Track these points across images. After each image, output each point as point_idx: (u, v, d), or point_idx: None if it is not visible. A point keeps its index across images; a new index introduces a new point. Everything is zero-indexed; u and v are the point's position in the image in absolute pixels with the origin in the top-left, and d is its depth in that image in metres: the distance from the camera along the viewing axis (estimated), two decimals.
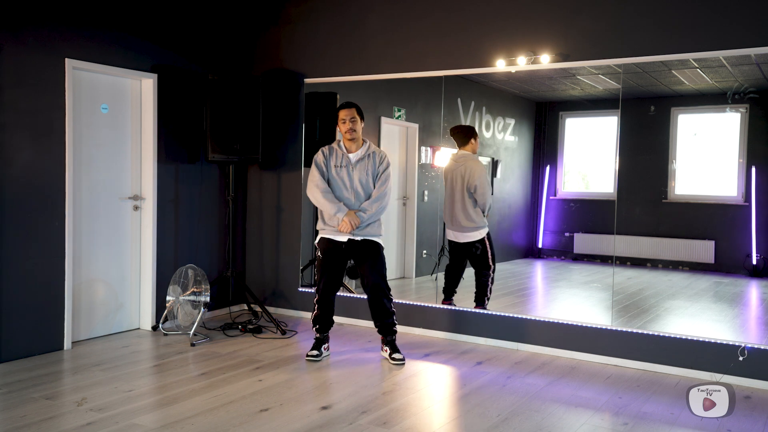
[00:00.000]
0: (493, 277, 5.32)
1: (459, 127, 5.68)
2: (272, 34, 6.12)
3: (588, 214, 6.76)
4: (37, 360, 4.47)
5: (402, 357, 4.58)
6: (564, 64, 4.86)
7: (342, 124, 4.55)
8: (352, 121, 4.52)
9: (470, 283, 5.39)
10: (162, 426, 3.35)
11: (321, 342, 4.69)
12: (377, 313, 4.61)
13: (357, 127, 4.54)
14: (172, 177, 5.53)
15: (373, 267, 4.55)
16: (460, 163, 5.43)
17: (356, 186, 4.54)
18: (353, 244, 4.54)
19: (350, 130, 4.52)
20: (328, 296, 4.64)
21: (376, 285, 4.55)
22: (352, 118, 4.53)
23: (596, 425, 3.52)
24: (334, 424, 3.43)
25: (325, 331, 4.70)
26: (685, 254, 6.48)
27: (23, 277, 4.49)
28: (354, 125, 4.52)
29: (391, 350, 4.62)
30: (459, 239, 5.42)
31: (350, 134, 4.52)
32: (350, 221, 4.43)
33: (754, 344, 4.25)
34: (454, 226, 5.42)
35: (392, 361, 4.57)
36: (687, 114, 6.48)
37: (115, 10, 5.03)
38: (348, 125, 4.52)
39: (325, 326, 4.69)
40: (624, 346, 4.63)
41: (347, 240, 4.52)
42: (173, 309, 5.15)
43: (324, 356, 4.67)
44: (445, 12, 5.28)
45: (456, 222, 5.40)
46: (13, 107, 4.39)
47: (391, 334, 4.64)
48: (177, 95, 5.51)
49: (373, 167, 4.57)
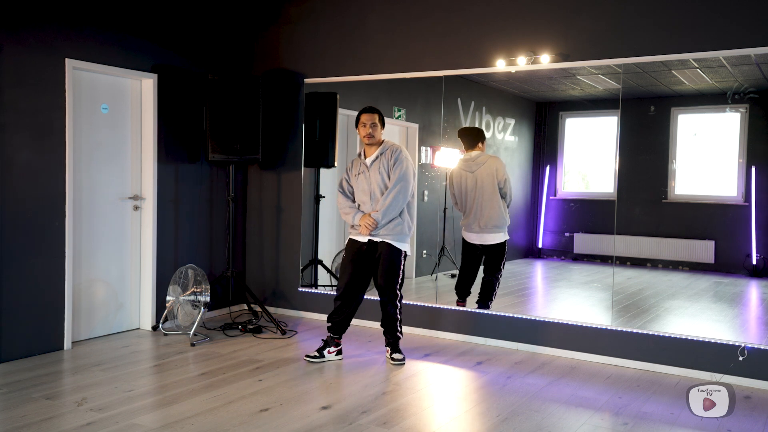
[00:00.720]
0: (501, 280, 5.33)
1: (468, 129, 5.66)
2: (272, 34, 6.12)
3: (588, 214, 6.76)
4: (37, 360, 4.47)
5: (402, 357, 4.58)
6: (564, 64, 4.86)
7: (361, 128, 4.55)
8: (372, 126, 4.51)
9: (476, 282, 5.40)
10: (162, 426, 3.36)
11: (327, 344, 4.62)
12: (382, 316, 4.62)
13: (376, 132, 4.52)
14: (172, 177, 5.53)
15: (383, 270, 4.52)
16: (480, 162, 5.34)
17: (374, 189, 4.52)
18: (373, 245, 4.53)
19: (368, 135, 4.51)
20: (345, 295, 4.58)
21: (381, 289, 4.55)
22: (372, 123, 4.51)
23: (596, 425, 3.52)
24: (334, 424, 3.43)
25: (335, 332, 4.64)
26: (685, 254, 6.48)
27: (23, 277, 4.49)
28: (374, 131, 4.51)
29: (392, 350, 4.62)
30: (485, 241, 5.32)
31: (368, 139, 4.52)
32: (364, 223, 4.45)
33: (754, 344, 4.25)
34: (482, 228, 5.31)
35: (392, 361, 4.57)
36: (687, 114, 6.47)
37: (115, 10, 5.03)
38: (367, 130, 4.51)
39: (337, 328, 4.63)
40: (624, 346, 4.63)
41: (368, 240, 4.52)
42: (173, 309, 5.15)
43: (328, 360, 4.60)
44: (445, 12, 5.28)
45: (484, 223, 5.29)
46: (13, 107, 4.39)
47: (394, 338, 4.63)
48: (177, 95, 5.51)
49: (387, 165, 4.54)
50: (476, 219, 5.33)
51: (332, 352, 4.63)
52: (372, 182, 4.53)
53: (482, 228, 5.31)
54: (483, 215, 5.31)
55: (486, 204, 5.29)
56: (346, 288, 4.58)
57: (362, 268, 4.58)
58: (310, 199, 6.13)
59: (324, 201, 6.16)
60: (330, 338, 4.65)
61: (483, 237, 5.34)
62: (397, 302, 4.58)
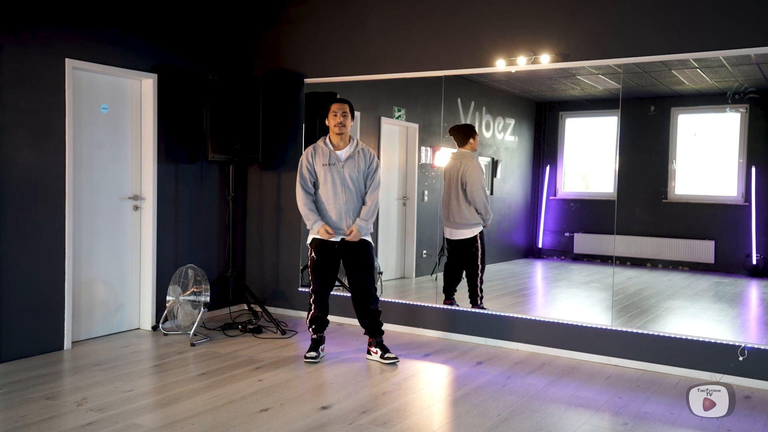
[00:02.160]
0: (482, 277, 5.33)
1: (458, 127, 5.69)
2: (272, 34, 6.12)
3: (588, 214, 6.76)
4: (37, 360, 4.47)
5: (395, 356, 4.59)
6: (564, 64, 4.86)
7: (333, 117, 4.53)
8: (344, 116, 4.52)
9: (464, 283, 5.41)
10: (162, 426, 3.35)
11: (318, 343, 4.67)
12: (363, 313, 4.60)
13: (347, 122, 4.54)
14: (172, 177, 5.53)
15: (361, 266, 4.54)
16: (457, 161, 5.47)
17: (348, 184, 4.52)
18: (345, 244, 4.55)
19: (339, 124, 4.50)
20: (323, 296, 4.63)
21: (363, 284, 4.55)
22: (343, 113, 4.52)
23: (596, 425, 3.52)
24: (334, 424, 3.43)
25: (321, 331, 4.69)
26: (685, 254, 6.48)
27: (23, 277, 4.49)
28: (345, 120, 4.52)
29: (382, 351, 4.61)
30: (453, 236, 5.47)
31: (339, 128, 4.51)
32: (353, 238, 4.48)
33: (754, 344, 4.25)
34: (449, 223, 5.48)
35: (385, 361, 4.57)
36: (687, 114, 6.47)
37: (115, 10, 5.03)
38: (339, 119, 4.50)
39: (322, 326, 4.68)
40: (624, 346, 4.63)
41: (340, 240, 4.53)
42: (173, 309, 5.15)
43: (321, 357, 4.66)
44: (445, 12, 5.28)
45: (450, 218, 5.46)
46: (13, 107, 4.38)
47: (379, 334, 4.63)
48: (177, 95, 5.51)
49: (365, 165, 4.56)
50: (446, 214, 5.51)
51: (323, 349, 4.72)
52: (346, 177, 4.51)
53: (450, 223, 5.49)
54: (450, 211, 5.46)
55: (452, 201, 5.44)
56: (323, 289, 4.61)
57: (335, 269, 4.64)
58: None
59: None
60: (320, 337, 4.70)
61: (452, 232, 5.48)
62: (377, 296, 4.62)
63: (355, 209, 4.54)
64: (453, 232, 5.47)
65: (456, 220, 5.42)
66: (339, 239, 4.53)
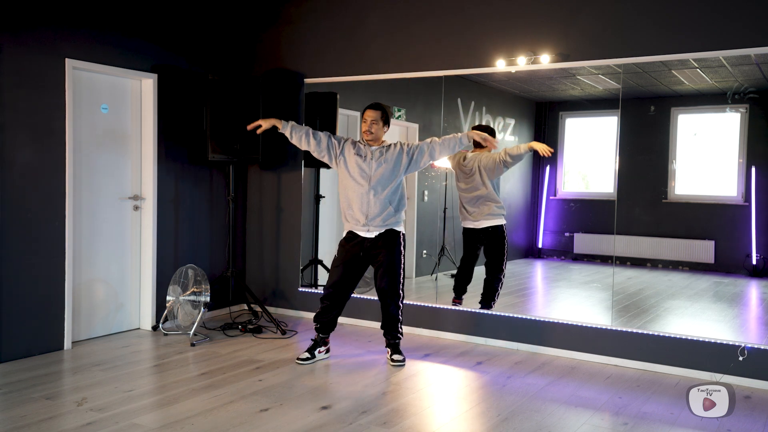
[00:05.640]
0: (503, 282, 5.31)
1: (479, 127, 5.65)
2: (272, 34, 6.12)
3: (588, 214, 6.75)
4: (37, 360, 4.47)
5: (402, 358, 4.57)
6: (564, 64, 4.86)
7: (362, 123, 4.48)
8: (374, 123, 4.43)
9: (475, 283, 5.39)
10: (162, 426, 3.35)
11: (317, 345, 4.62)
12: (384, 318, 4.59)
13: (375, 130, 4.44)
14: (172, 177, 5.53)
15: (384, 271, 4.47)
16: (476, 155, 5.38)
17: (372, 178, 4.38)
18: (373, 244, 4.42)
19: (367, 131, 4.43)
20: (334, 293, 4.53)
21: (384, 291, 4.51)
22: (373, 120, 4.43)
23: (596, 425, 3.52)
24: (334, 424, 3.43)
25: (323, 332, 4.63)
26: (685, 254, 6.48)
27: (23, 277, 4.49)
28: (373, 128, 4.43)
29: (392, 351, 4.61)
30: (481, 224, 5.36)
31: (367, 135, 4.44)
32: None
33: (754, 344, 4.25)
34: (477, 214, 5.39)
35: (392, 362, 4.56)
36: (687, 114, 6.47)
37: (115, 10, 5.03)
38: (366, 125, 4.43)
39: (326, 327, 4.62)
40: (624, 346, 4.63)
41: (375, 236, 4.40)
42: (173, 309, 5.15)
43: (319, 359, 4.61)
44: (445, 12, 5.28)
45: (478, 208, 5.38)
46: (13, 107, 4.39)
47: (395, 338, 4.62)
48: (177, 95, 5.51)
49: (398, 153, 4.43)
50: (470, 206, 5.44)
51: (322, 352, 4.64)
52: (374, 168, 4.40)
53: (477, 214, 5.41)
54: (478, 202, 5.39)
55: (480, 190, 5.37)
56: (335, 288, 4.53)
57: (354, 269, 4.52)
58: (310, 199, 6.13)
59: (324, 201, 6.16)
60: (320, 338, 4.64)
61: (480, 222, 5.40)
62: (399, 303, 4.55)
63: (381, 209, 4.39)
64: (481, 222, 5.33)
65: (485, 211, 5.31)
66: (373, 235, 4.40)
